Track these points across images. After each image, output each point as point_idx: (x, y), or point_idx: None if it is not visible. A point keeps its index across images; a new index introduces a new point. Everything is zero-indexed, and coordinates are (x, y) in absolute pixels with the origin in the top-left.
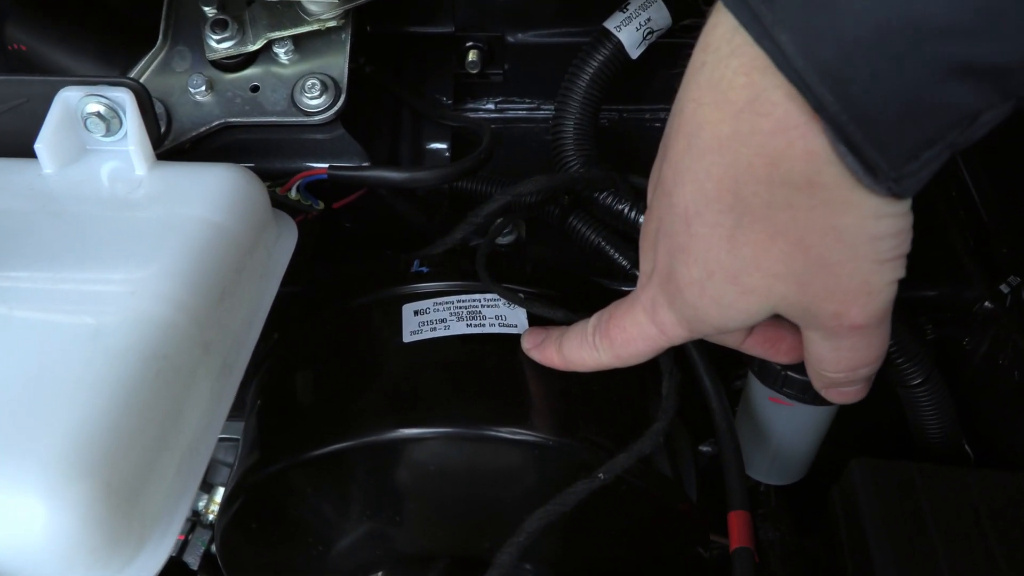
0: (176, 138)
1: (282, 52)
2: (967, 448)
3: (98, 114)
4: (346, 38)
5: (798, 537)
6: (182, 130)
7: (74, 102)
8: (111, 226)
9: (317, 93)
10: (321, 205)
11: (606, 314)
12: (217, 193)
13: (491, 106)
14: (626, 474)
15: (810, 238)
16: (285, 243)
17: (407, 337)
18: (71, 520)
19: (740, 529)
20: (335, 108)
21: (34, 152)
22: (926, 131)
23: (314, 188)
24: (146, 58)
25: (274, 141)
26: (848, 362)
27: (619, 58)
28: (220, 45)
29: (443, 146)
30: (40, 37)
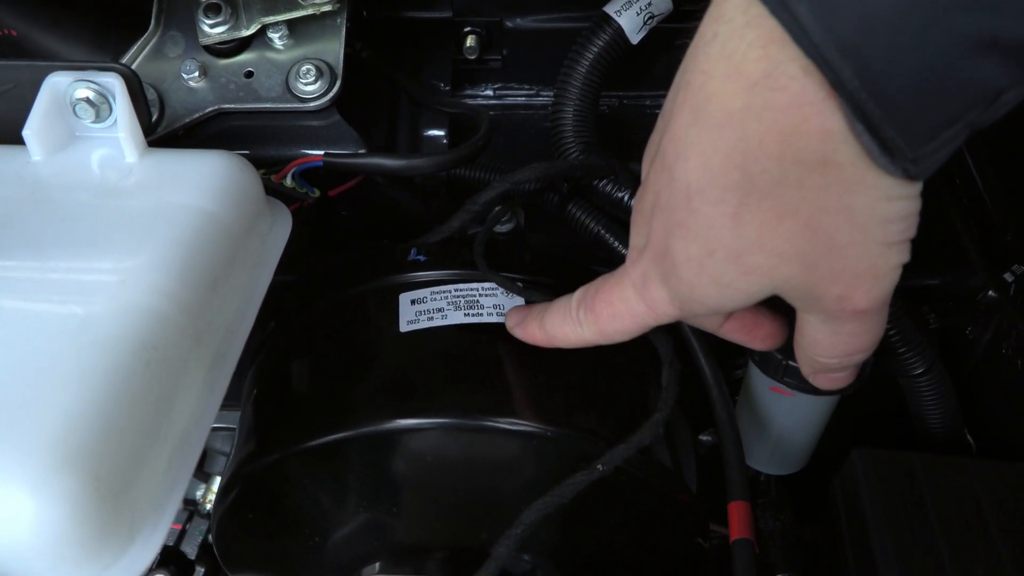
0: (169, 125)
1: (276, 37)
2: (969, 438)
3: (87, 100)
4: (342, 23)
5: (798, 527)
6: (175, 117)
7: (63, 88)
8: (100, 214)
9: (312, 79)
10: (317, 193)
11: (592, 288)
12: (209, 180)
13: (489, 92)
14: (625, 465)
15: (820, 218)
16: (279, 231)
17: (404, 326)
18: (59, 514)
19: (740, 519)
20: (331, 94)
21: (22, 139)
22: (947, 109)
23: (309, 175)
24: (138, 43)
25: (269, 128)
26: (844, 347)
27: (619, 43)
28: (213, 30)
29: (441, 133)
30: (30, 22)
